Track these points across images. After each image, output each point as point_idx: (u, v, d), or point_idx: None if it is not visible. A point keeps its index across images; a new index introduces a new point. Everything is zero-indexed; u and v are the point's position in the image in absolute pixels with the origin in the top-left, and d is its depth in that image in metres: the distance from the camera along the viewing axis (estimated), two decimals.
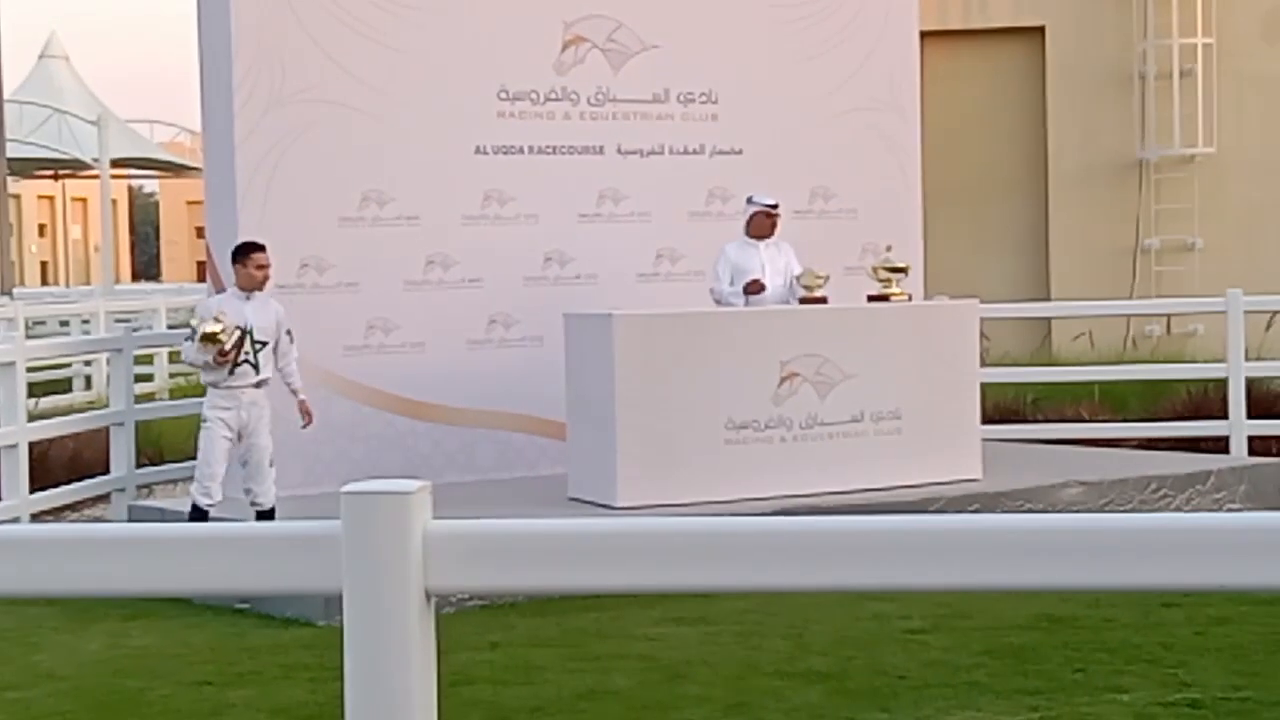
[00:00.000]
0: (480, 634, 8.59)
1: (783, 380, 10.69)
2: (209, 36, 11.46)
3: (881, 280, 11.42)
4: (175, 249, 70.69)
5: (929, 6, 16.03)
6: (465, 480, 11.63)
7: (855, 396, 10.86)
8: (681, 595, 8.71)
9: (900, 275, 11.43)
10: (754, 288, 11.21)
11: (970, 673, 7.64)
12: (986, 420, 12.28)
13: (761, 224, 11.49)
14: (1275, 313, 16.19)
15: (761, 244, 11.45)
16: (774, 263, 11.41)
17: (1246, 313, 13.81)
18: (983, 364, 12.14)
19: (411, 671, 2.89)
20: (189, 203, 64.32)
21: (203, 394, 10.18)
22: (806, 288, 11.20)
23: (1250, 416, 13.71)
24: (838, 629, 8.46)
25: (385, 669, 2.89)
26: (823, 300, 11.15)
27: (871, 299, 11.38)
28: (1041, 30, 18.87)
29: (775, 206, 11.52)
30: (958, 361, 11.22)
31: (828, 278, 11.27)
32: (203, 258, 13.96)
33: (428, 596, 2.94)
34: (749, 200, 11.64)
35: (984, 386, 12.04)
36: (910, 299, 11.56)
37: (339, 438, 11.48)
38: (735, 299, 11.24)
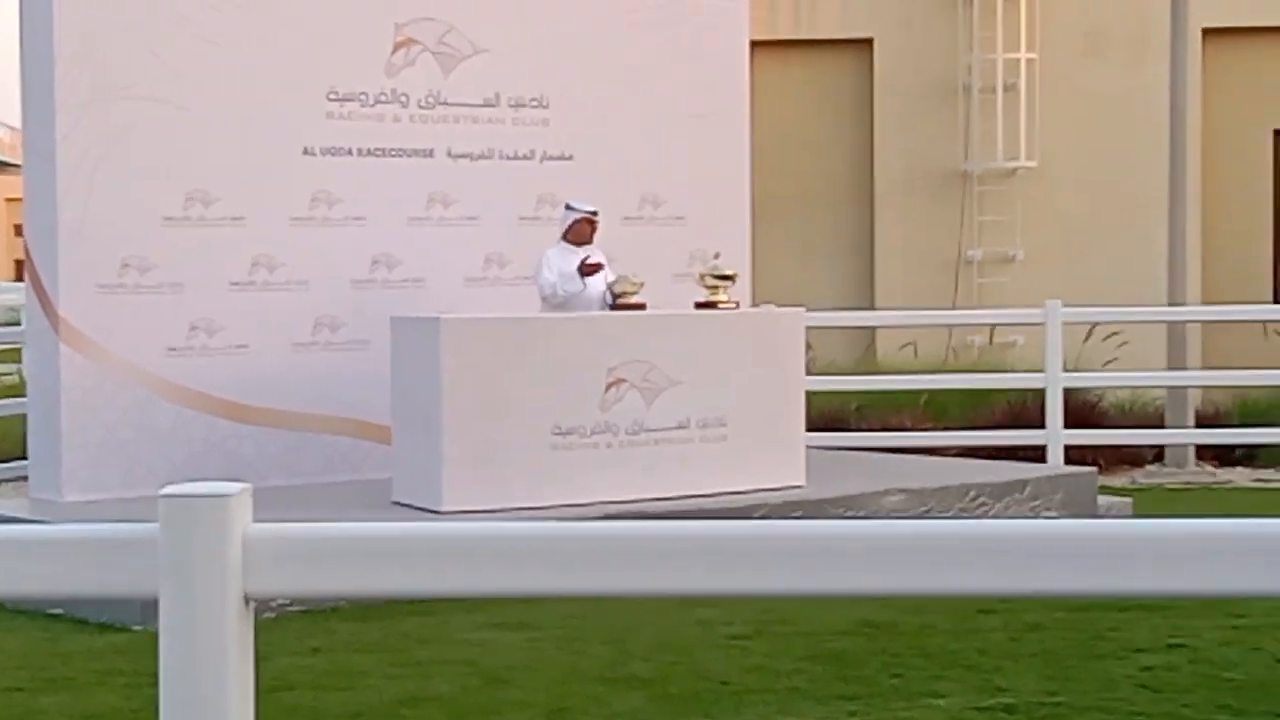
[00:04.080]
0: (301, 639, 8.51)
1: (609, 386, 10.71)
2: (30, 30, 11.25)
3: (709, 287, 11.48)
4: None
5: (758, 16, 16.14)
6: (289, 484, 11.51)
7: (681, 403, 10.91)
8: (504, 600, 8.69)
9: (728, 283, 11.49)
10: (590, 269, 11.23)
11: (791, 678, 7.70)
12: (811, 428, 12.40)
13: (582, 230, 11.53)
14: (1094, 324, 16.51)
15: (581, 250, 11.49)
16: None
17: (1065, 324, 14.08)
18: (808, 372, 12.24)
19: (228, 677, 2.85)
20: (8, 200, 63.04)
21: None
22: (622, 293, 11.24)
23: (1067, 426, 13.97)
24: (660, 635, 8.49)
25: (200, 674, 2.85)
26: (640, 306, 11.19)
27: (699, 306, 11.45)
28: (869, 42, 19.09)
29: (595, 214, 11.57)
30: (784, 369, 11.31)
31: (642, 284, 11.31)
32: (21, 256, 13.71)
33: (246, 601, 2.91)
34: (568, 206, 11.68)
35: (809, 394, 12.14)
36: (737, 306, 11.64)
37: (160, 441, 11.32)
38: (572, 284, 11.23)
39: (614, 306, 11.24)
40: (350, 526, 2.97)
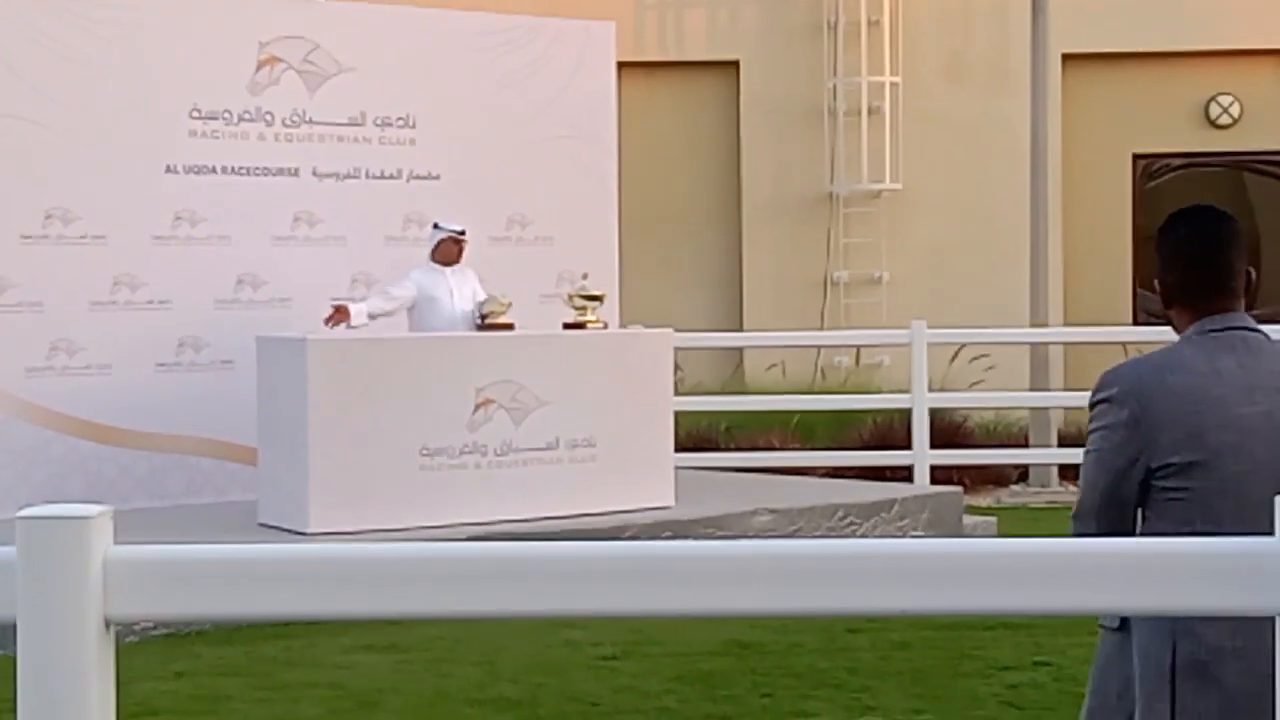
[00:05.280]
0: (165, 663, 8.40)
1: (478, 407, 10.67)
2: None
3: (577, 308, 11.48)
4: None
5: (626, 37, 16.17)
6: (153, 506, 11.37)
7: (550, 423, 10.89)
8: (372, 622, 8.63)
9: (596, 303, 11.50)
10: (338, 316, 11.12)
11: (660, 699, 7.71)
12: (680, 448, 12.43)
13: (449, 250, 11.49)
14: (959, 345, 16.68)
15: (449, 270, 11.45)
16: (461, 289, 11.42)
17: (930, 345, 14.21)
18: (676, 392, 12.27)
19: (88, 702, 2.80)
20: None
21: None
22: (490, 313, 11.21)
23: (933, 446, 14.09)
24: (529, 655, 8.47)
25: (60, 700, 2.79)
26: (508, 326, 11.17)
27: (567, 326, 11.44)
28: (736, 64, 19.18)
29: (463, 233, 11.53)
30: (652, 390, 11.32)
31: (510, 304, 11.29)
32: None
33: (107, 625, 2.86)
34: (435, 226, 11.64)
35: (678, 415, 12.17)
36: (606, 327, 11.64)
37: (19, 462, 11.14)
38: (356, 319, 11.12)
39: (482, 327, 11.22)
40: (214, 549, 2.93)
